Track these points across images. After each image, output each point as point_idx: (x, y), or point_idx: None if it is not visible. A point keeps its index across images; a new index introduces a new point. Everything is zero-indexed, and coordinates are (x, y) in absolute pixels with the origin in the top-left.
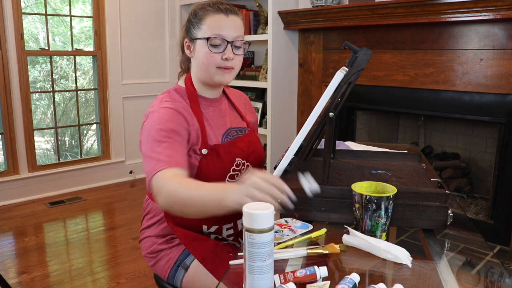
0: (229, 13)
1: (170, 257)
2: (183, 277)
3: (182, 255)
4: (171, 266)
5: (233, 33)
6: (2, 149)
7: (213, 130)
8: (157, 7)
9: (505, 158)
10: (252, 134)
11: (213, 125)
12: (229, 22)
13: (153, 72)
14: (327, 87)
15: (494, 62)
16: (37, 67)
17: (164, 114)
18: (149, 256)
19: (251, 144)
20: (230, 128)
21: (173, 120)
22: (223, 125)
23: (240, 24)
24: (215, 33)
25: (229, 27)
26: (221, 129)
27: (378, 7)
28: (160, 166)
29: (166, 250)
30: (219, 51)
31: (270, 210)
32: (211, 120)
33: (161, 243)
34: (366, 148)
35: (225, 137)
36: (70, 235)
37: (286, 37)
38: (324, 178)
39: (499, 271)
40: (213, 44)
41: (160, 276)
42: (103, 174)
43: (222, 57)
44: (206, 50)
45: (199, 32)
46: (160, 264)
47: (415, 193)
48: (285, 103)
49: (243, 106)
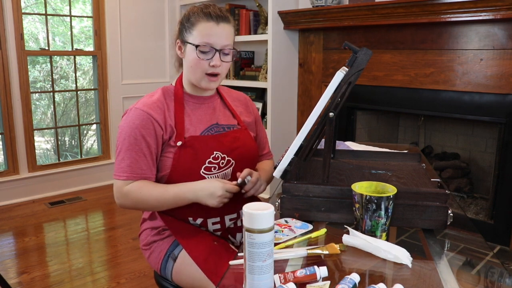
0: (220, 21)
1: (161, 249)
2: (172, 268)
3: (171, 246)
4: (162, 258)
5: (222, 41)
6: (2, 149)
7: (193, 124)
8: (157, 7)
9: (505, 158)
10: (242, 132)
11: (194, 121)
12: (219, 30)
13: (153, 72)
14: (327, 87)
15: (494, 62)
16: (37, 67)
17: (135, 117)
18: (144, 248)
19: (237, 140)
20: (216, 124)
21: (142, 124)
22: (207, 121)
23: (231, 32)
24: (204, 41)
25: (219, 36)
26: (204, 124)
27: (378, 7)
28: (122, 176)
29: (158, 242)
30: (207, 57)
31: (270, 210)
32: (193, 116)
33: (154, 235)
34: (366, 148)
35: (207, 131)
36: (70, 235)
37: (286, 37)
38: (324, 178)
39: (499, 271)
40: (202, 51)
41: (154, 268)
42: (103, 174)
43: (210, 63)
44: (195, 56)
45: (190, 37)
46: (153, 256)
47: (415, 193)
48: (285, 103)
49: (240, 107)
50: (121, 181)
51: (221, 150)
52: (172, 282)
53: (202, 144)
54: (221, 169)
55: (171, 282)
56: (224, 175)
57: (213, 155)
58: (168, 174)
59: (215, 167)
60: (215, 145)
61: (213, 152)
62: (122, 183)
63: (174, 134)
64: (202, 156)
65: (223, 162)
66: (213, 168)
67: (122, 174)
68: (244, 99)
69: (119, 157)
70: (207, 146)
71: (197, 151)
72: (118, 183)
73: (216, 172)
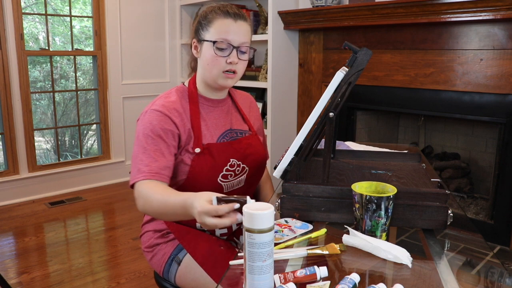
0: (237, 19)
1: (165, 251)
2: (176, 271)
3: (176, 250)
4: (166, 261)
5: (240, 38)
6: (2, 149)
7: (210, 130)
8: (157, 7)
9: (505, 158)
10: (253, 137)
11: (210, 125)
12: (237, 27)
13: (153, 72)
14: (327, 87)
15: (494, 62)
16: (37, 67)
17: (153, 118)
18: (147, 251)
19: (250, 146)
20: (229, 129)
21: (160, 124)
22: (222, 125)
23: (248, 29)
24: (222, 37)
25: (236, 33)
26: (220, 129)
27: (378, 7)
28: (139, 177)
29: (162, 245)
30: (225, 55)
31: (270, 210)
32: (209, 120)
33: (158, 237)
34: (366, 148)
35: (222, 138)
36: (70, 235)
37: (286, 37)
38: (324, 178)
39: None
40: (219, 48)
41: (157, 271)
42: (103, 174)
43: (227, 60)
44: (212, 53)
45: (207, 34)
46: (156, 258)
47: (415, 193)
48: (285, 103)
49: (247, 110)
50: (139, 182)
51: (236, 157)
52: (174, 285)
53: (220, 151)
54: (236, 176)
55: (174, 285)
56: (238, 182)
57: (230, 163)
58: (184, 180)
59: (231, 174)
60: (232, 152)
61: (230, 159)
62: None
63: (191, 140)
64: (220, 164)
65: (238, 169)
66: (230, 175)
67: (140, 175)
68: (250, 101)
69: (137, 159)
70: (224, 153)
71: (215, 158)
72: (137, 186)
73: (232, 179)
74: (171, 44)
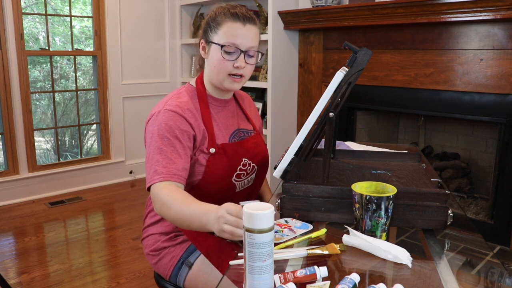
0: (246, 22)
1: (174, 255)
2: (187, 275)
3: (186, 253)
4: (175, 264)
5: (248, 43)
6: (2, 149)
7: (221, 130)
8: (157, 7)
9: (505, 158)
10: (258, 137)
11: (221, 125)
12: (245, 31)
13: (153, 72)
14: (327, 87)
15: (494, 62)
16: (37, 67)
17: (168, 118)
18: (152, 254)
19: (257, 145)
20: (237, 129)
21: (176, 125)
22: (231, 125)
23: (256, 33)
24: (230, 42)
25: (245, 37)
26: (229, 129)
27: (378, 7)
28: (157, 178)
29: (170, 248)
30: (232, 58)
31: (270, 210)
32: (219, 120)
33: (165, 241)
34: (366, 148)
35: (233, 138)
36: (70, 235)
37: (286, 37)
38: (324, 178)
39: (499, 271)
40: (227, 52)
41: (162, 274)
42: (103, 174)
43: (234, 64)
44: (220, 56)
45: (215, 36)
46: (163, 262)
47: (415, 193)
48: (285, 103)
49: (249, 109)
50: (157, 184)
51: (247, 157)
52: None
53: (233, 151)
54: (248, 175)
55: (177, 286)
56: (249, 181)
57: (242, 162)
58: (199, 180)
59: (244, 173)
60: (243, 152)
61: (242, 159)
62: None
63: (206, 140)
64: (234, 163)
65: (249, 168)
66: (242, 175)
67: (157, 177)
68: (248, 100)
69: (153, 160)
70: (237, 153)
71: (230, 158)
72: (154, 188)
73: (244, 178)
74: (171, 44)
